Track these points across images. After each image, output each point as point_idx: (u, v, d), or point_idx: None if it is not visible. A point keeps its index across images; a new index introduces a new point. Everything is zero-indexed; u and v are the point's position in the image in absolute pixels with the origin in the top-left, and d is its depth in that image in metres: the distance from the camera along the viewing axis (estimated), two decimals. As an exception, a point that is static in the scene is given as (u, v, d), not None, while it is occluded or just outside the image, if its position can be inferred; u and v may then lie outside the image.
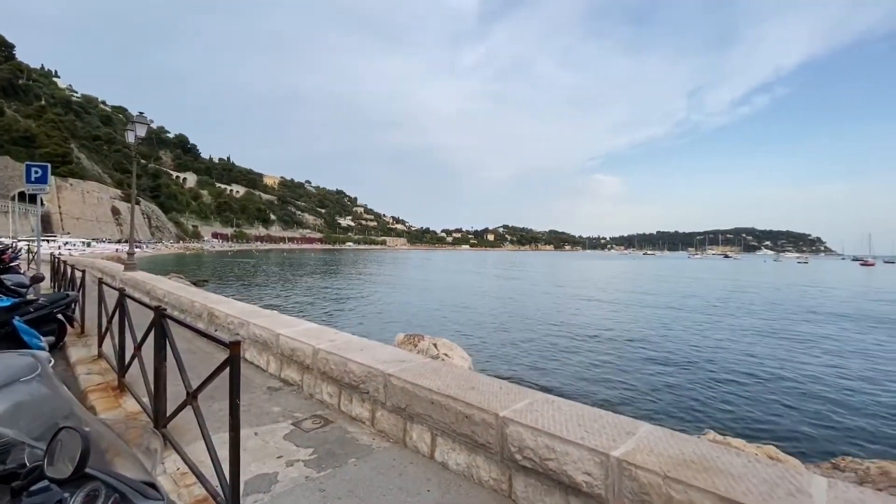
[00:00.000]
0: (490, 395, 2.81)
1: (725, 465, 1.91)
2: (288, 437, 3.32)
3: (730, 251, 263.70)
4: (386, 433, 3.30)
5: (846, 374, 11.62)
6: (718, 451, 2.06)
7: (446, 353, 9.04)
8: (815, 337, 16.96)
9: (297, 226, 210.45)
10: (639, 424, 2.34)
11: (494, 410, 2.56)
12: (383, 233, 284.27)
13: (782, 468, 1.92)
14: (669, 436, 2.21)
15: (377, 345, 4.18)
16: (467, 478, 2.69)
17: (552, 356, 12.72)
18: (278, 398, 4.14)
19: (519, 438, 2.38)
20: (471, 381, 3.10)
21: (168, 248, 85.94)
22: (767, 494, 1.69)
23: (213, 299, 7.32)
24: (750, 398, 9.43)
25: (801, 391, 10.00)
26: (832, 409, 8.87)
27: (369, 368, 3.46)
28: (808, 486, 1.76)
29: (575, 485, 2.13)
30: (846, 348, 14.94)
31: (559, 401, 2.72)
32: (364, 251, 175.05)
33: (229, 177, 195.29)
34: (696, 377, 10.93)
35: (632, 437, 2.17)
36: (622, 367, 11.66)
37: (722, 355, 13.45)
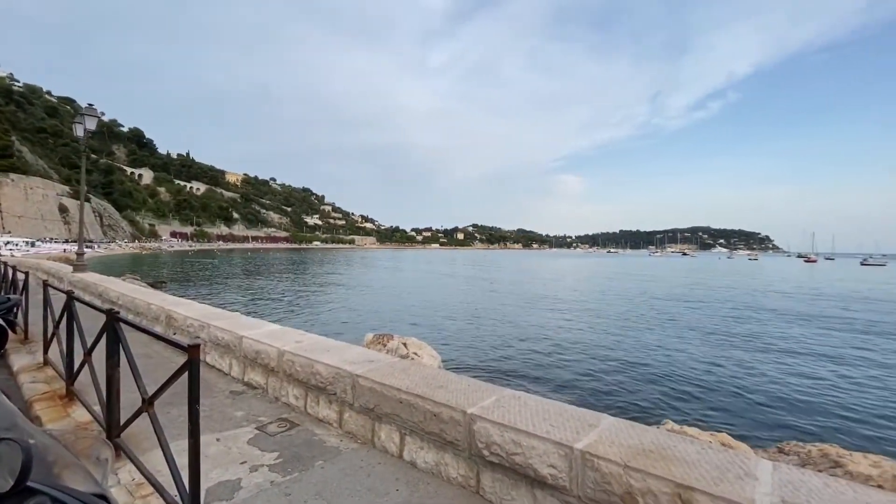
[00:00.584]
0: (458, 392, 2.83)
1: (681, 452, 2.00)
2: (252, 442, 3.23)
3: (687, 249, 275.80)
4: (354, 434, 3.27)
5: (790, 365, 12.40)
6: (675, 439, 2.16)
7: (416, 353, 9.03)
8: (763, 331, 17.99)
9: (262, 224, 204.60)
10: (601, 417, 2.42)
11: (462, 408, 2.58)
12: (352, 232, 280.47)
13: (732, 454, 2.03)
14: (629, 427, 2.30)
15: (345, 345, 4.13)
16: (436, 475, 2.70)
17: (520, 353, 12.93)
18: (242, 402, 4.02)
19: (486, 434, 2.42)
20: (439, 379, 3.11)
21: (122, 248, 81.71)
22: (718, 479, 1.78)
23: (172, 301, 7.02)
24: (705, 389, 9.91)
25: (751, 381, 10.59)
26: (779, 398, 9.44)
27: (337, 369, 3.41)
28: (755, 469, 1.87)
29: (541, 478, 2.18)
30: (791, 342, 15.93)
31: (525, 396, 2.77)
32: (332, 250, 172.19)
33: (189, 173, 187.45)
34: (656, 370, 11.39)
35: (594, 430, 2.25)
36: (587, 363, 11.99)
37: (680, 349, 14.06)
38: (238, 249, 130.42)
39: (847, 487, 1.76)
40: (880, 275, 66.21)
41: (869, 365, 12.47)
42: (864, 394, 9.88)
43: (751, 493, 1.69)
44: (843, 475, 3.20)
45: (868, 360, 13.08)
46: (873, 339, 16.22)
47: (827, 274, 66.46)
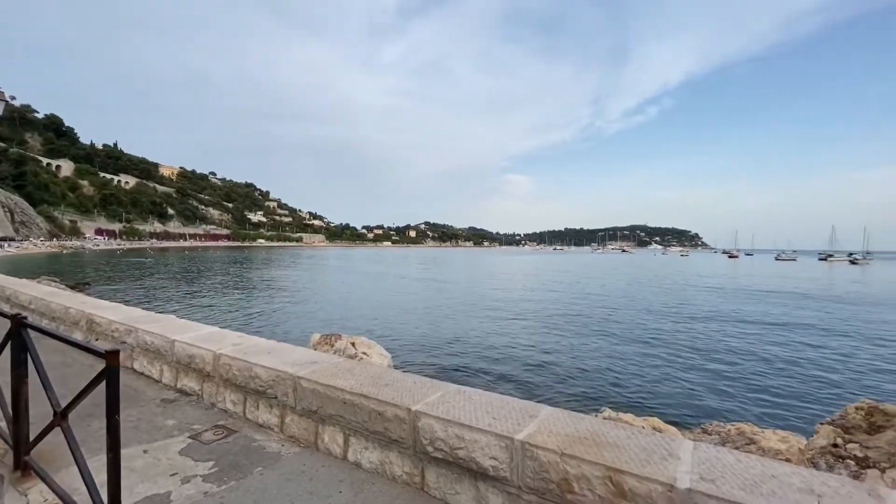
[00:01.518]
0: (403, 390, 2.82)
1: (613, 438, 2.11)
2: (184, 452, 3.04)
3: (626, 246, 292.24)
4: (296, 438, 3.17)
5: (714, 353, 13.47)
6: (608, 426, 2.27)
7: (364, 352, 8.89)
8: (691, 321, 19.42)
9: (201, 221, 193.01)
10: (541, 408, 2.50)
11: (407, 405, 2.58)
12: (299, 229, 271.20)
13: (659, 437, 2.17)
14: (567, 416, 2.40)
15: (287, 347, 3.99)
16: (380, 475, 2.68)
17: (470, 349, 13.12)
18: (174, 410, 3.78)
19: (431, 431, 2.43)
20: (385, 378, 3.08)
21: (37, 247, 74.11)
22: (645, 460, 1.90)
23: (94, 304, 6.46)
24: (640, 377, 10.56)
25: (682, 368, 11.41)
26: (704, 383, 10.23)
27: (277, 372, 3.29)
28: (678, 450, 2.01)
29: (483, 470, 2.22)
30: (715, 331, 17.30)
31: (471, 391, 2.81)
32: (277, 249, 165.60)
33: (117, 166, 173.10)
34: (596, 361, 11.97)
35: (534, 420, 2.32)
36: (533, 356, 12.38)
37: (618, 340, 14.86)
38: (174, 248, 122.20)
39: (756, 462, 1.93)
40: (791, 268, 73.93)
41: (779, 351, 13.80)
42: (776, 376, 10.93)
43: (673, 471, 1.81)
44: (756, 451, 3.50)
45: (779, 346, 14.48)
46: (783, 329, 17.98)
47: (746, 268, 72.93)
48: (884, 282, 46.64)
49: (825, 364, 12.26)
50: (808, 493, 1.67)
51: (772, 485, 1.72)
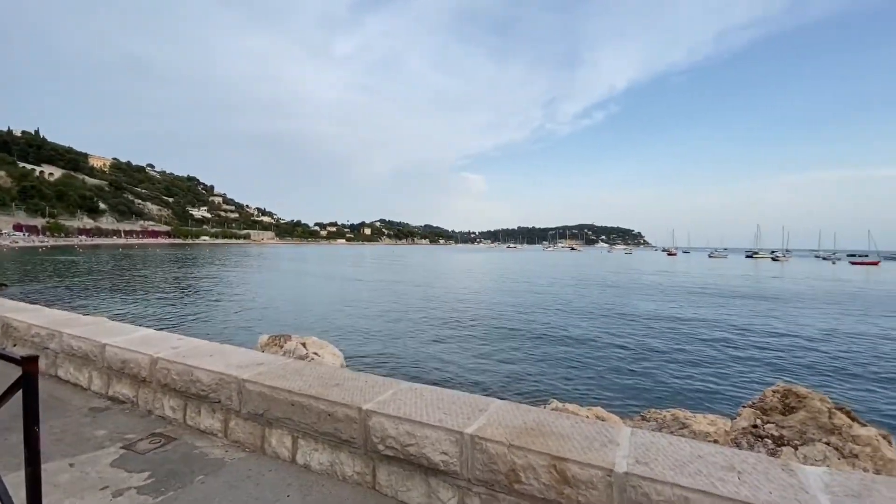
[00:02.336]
0: (354, 390, 2.79)
1: (558, 428, 2.20)
2: (117, 464, 2.84)
3: (575, 244, 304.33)
4: (241, 443, 3.05)
5: (656, 344, 14.31)
6: (553, 416, 2.36)
7: (316, 353, 8.69)
8: (636, 314, 20.50)
9: (137, 217, 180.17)
10: (490, 401, 2.56)
11: (358, 405, 2.55)
12: (247, 226, 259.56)
13: (601, 425, 2.29)
14: (515, 408, 2.47)
15: (231, 349, 3.82)
16: (331, 476, 2.64)
17: (423, 346, 13.14)
18: (105, 419, 3.52)
19: (382, 429, 2.42)
20: (335, 378, 3.03)
21: (-59, 245, 66.23)
22: (587, 448, 2.00)
23: (10, 307, 5.88)
24: (586, 368, 11.04)
25: (624, 360, 12.03)
26: (645, 372, 10.85)
27: (221, 375, 3.15)
28: (617, 436, 2.13)
29: (434, 465, 2.24)
30: (658, 323, 18.36)
31: (422, 388, 2.82)
32: (223, 246, 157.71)
33: (39, 155, 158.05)
34: (546, 354, 12.38)
35: (484, 414, 2.37)
36: (485, 352, 12.60)
37: (566, 333, 15.44)
38: (107, 245, 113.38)
39: (686, 444, 2.08)
40: (722, 265, 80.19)
41: (710, 342, 14.88)
42: (707, 365, 11.78)
43: (612, 457, 1.92)
44: (688, 434, 3.75)
45: (710, 338, 15.61)
46: (714, 322, 19.40)
47: (683, 265, 78.05)
48: (797, 277, 51.48)
49: (750, 352, 13.36)
50: (730, 470, 1.82)
51: (698, 464, 1.86)
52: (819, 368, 11.87)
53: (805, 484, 1.73)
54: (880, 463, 2.49)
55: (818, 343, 14.87)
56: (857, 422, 2.63)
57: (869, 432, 2.59)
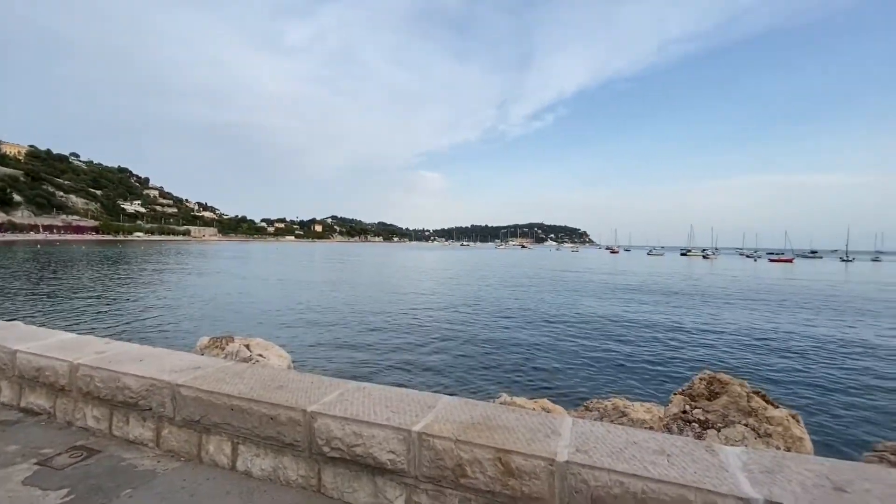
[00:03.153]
0: (300, 391, 2.70)
1: (503, 421, 2.25)
2: (30, 481, 2.58)
3: (525, 242, 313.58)
4: (176, 452, 2.87)
5: (600, 337, 15.02)
6: (500, 410, 2.41)
7: (261, 354, 8.33)
8: (582, 309, 21.40)
9: (59, 210, 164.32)
10: (439, 398, 2.57)
11: (302, 407, 2.47)
12: (186, 221, 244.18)
13: (545, 416, 2.36)
14: (463, 404, 2.49)
15: (165, 352, 3.58)
16: (273, 481, 2.54)
17: (375, 345, 13.00)
18: (16, 433, 3.18)
19: (327, 430, 2.36)
20: (278, 380, 2.92)
21: None
22: (531, 439, 2.05)
23: None
24: (534, 362, 11.39)
25: (570, 353, 12.53)
26: (590, 365, 11.37)
27: (152, 381, 2.94)
28: (560, 427, 2.20)
29: (381, 465, 2.22)
30: (602, 316, 19.27)
31: (370, 387, 2.79)
32: (159, 242, 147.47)
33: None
34: (496, 349, 12.64)
35: (432, 411, 2.38)
36: (437, 349, 12.68)
37: (516, 329, 15.84)
38: (23, 241, 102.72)
39: (622, 431, 2.20)
40: (660, 262, 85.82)
41: (648, 333, 15.83)
42: (647, 356, 12.53)
43: (554, 447, 1.98)
44: (627, 422, 3.95)
45: (649, 329, 16.61)
46: (654, 315, 20.65)
47: (625, 263, 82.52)
48: (725, 274, 55.92)
49: (684, 342, 14.35)
50: (661, 454, 1.94)
51: (633, 450, 1.97)
52: (741, 356, 12.96)
53: (725, 463, 1.88)
54: (790, 441, 2.75)
55: (741, 333, 16.23)
56: (770, 404, 2.90)
57: (781, 413, 2.86)
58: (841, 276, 54.74)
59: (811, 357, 12.94)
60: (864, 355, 13.36)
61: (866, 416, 8.43)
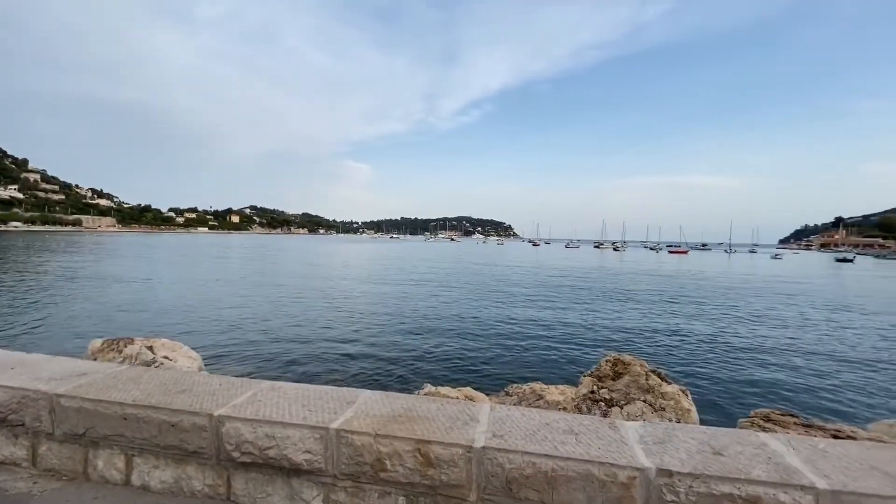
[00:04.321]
0: (206, 395, 2.50)
1: (424, 412, 2.26)
2: None
3: (454, 235, 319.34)
4: (56, 470, 2.53)
5: (521, 324, 15.74)
6: (422, 401, 2.42)
7: (167, 356, 7.62)
8: (505, 297, 22.26)
9: None
10: (359, 393, 2.52)
11: (209, 411, 2.29)
12: (77, 210, 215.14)
13: (464, 404, 2.41)
14: (385, 397, 2.47)
15: (43, 358, 3.13)
16: (176, 493, 2.34)
17: (296, 343, 12.50)
18: None
19: (237, 434, 2.21)
20: (182, 383, 2.69)
21: None
22: (450, 428, 2.09)
23: None
24: (459, 350, 11.68)
25: (492, 341, 13.00)
26: (511, 352, 11.88)
27: (24, 391, 2.55)
28: (478, 414, 2.26)
29: (296, 465, 2.13)
30: (523, 304, 20.18)
31: (286, 386, 2.66)
32: (42, 234, 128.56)
33: None
34: (423, 341, 12.75)
35: (352, 406, 2.32)
36: (362, 342, 12.50)
37: (441, 319, 16.09)
38: None
39: (536, 414, 2.31)
40: (576, 254, 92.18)
41: (566, 318, 16.91)
42: (562, 340, 13.38)
43: (472, 434, 2.04)
44: (543, 404, 4.16)
45: (565, 315, 17.73)
46: (567, 303, 22.07)
47: (545, 255, 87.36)
48: (632, 264, 61.35)
49: (597, 326, 15.52)
50: (570, 433, 2.07)
51: (545, 431, 2.08)
52: (645, 337, 14.31)
53: (625, 437, 2.06)
54: (680, 413, 3.08)
55: (646, 317, 17.92)
56: (665, 381, 3.23)
57: (673, 389, 3.20)
58: (725, 266, 62.66)
59: (699, 336, 14.66)
60: (742, 333, 15.42)
61: (743, 387, 9.75)
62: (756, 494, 1.68)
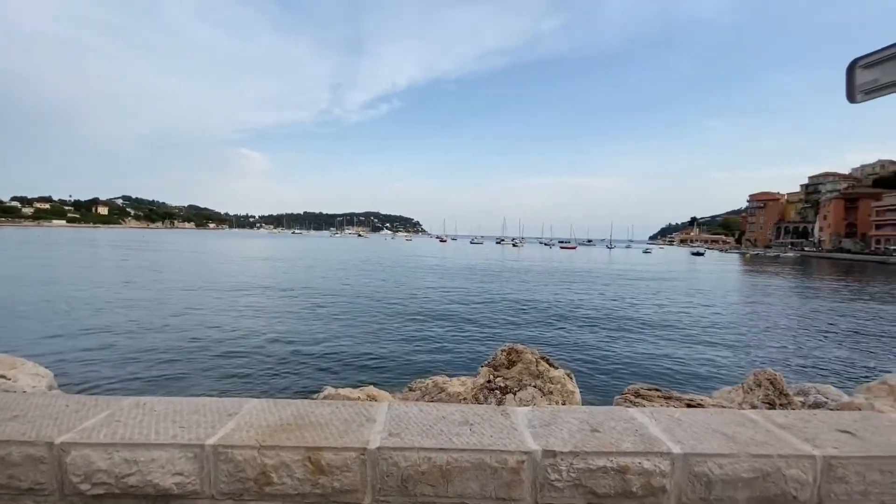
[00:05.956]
0: (46, 419, 2.09)
1: (316, 417, 2.14)
2: None
3: (362, 231, 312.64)
4: None
5: (426, 315, 15.95)
6: (315, 406, 2.29)
7: (3, 375, 6.34)
8: (413, 291, 22.36)
9: None
10: (244, 403, 2.31)
11: (48, 439, 1.92)
12: None
13: (361, 405, 2.33)
14: (272, 405, 2.29)
15: None
16: (5, 542, 1.92)
17: (173, 352, 11.15)
18: None
19: (86, 463, 1.88)
20: (14, 408, 2.22)
21: None
22: (344, 431, 2.00)
23: None
24: (364, 348, 11.46)
25: (399, 337, 12.99)
26: (411, 347, 11.98)
27: None
28: (375, 413, 2.21)
29: (165, 491, 1.88)
30: (429, 298, 20.46)
31: (153, 401, 2.33)
32: None
33: None
34: (324, 341, 12.27)
35: (234, 418, 2.12)
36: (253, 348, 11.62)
37: (345, 318, 15.66)
38: None
39: (433, 408, 2.32)
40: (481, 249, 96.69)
41: (468, 310, 17.53)
42: (466, 330, 13.84)
43: (367, 435, 1.97)
44: (445, 396, 4.22)
45: (467, 308, 18.38)
46: (474, 293, 22.92)
47: (452, 250, 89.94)
48: (529, 258, 65.84)
49: (497, 316, 16.32)
50: (465, 424, 2.11)
51: (441, 425, 2.09)
52: (539, 325, 15.41)
53: (515, 423, 2.16)
54: (566, 395, 3.34)
55: (542, 305, 19.29)
56: (552, 366, 3.47)
57: (559, 373, 3.45)
58: (607, 259, 70.22)
59: (583, 322, 16.21)
60: (619, 317, 17.37)
61: (620, 367, 10.98)
62: (625, 464, 1.87)
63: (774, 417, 2.32)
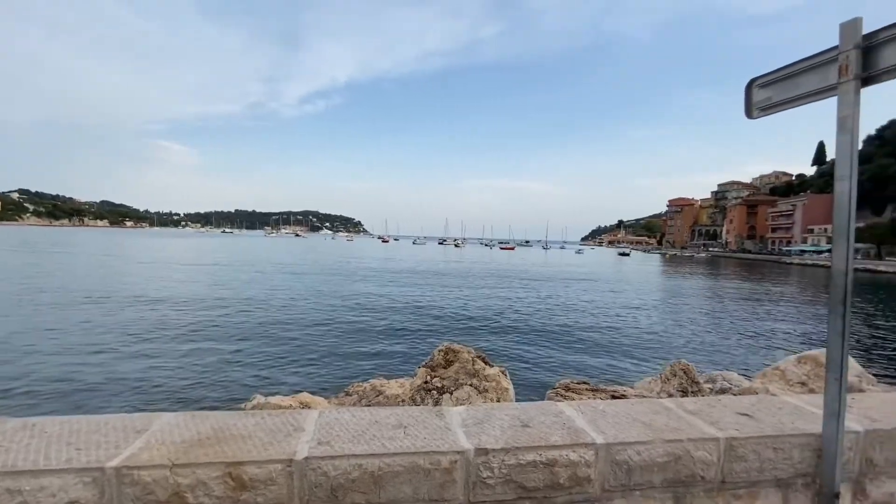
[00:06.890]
0: None
1: (239, 430, 2.00)
2: None
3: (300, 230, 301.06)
4: None
5: (366, 319, 15.67)
6: (235, 417, 2.15)
7: None
8: (352, 295, 21.88)
9: None
10: (155, 418, 2.11)
11: None
12: None
13: (288, 414, 2.22)
14: (189, 419, 2.11)
15: None
16: None
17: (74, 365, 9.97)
18: None
19: (-45, 499, 1.62)
20: None
21: None
22: (269, 443, 1.89)
23: None
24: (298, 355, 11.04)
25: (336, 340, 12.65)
26: (356, 348, 11.72)
27: None
28: (304, 422, 2.11)
29: (54, 523, 1.66)
30: (367, 302, 20.13)
31: (45, 422, 2.06)
32: None
33: None
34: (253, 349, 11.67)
35: (142, 436, 1.92)
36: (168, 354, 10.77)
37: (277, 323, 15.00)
38: None
39: (366, 413, 2.26)
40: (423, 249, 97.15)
41: (407, 312, 17.46)
42: (405, 333, 13.77)
43: (294, 445, 1.88)
44: (383, 399, 4.15)
45: (406, 311, 18.30)
46: (413, 296, 22.85)
47: (394, 251, 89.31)
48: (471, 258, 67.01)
49: (437, 317, 16.39)
50: (398, 428, 2.07)
51: (374, 430, 2.04)
52: (476, 323, 15.70)
53: (450, 423, 2.16)
54: (500, 392, 3.41)
55: (479, 303, 19.66)
56: (488, 364, 3.54)
57: (495, 371, 3.52)
58: (543, 259, 73.20)
59: (519, 319, 16.75)
60: (552, 314, 18.15)
61: (552, 362, 11.46)
62: (553, 457, 1.94)
63: (686, 404, 2.52)
